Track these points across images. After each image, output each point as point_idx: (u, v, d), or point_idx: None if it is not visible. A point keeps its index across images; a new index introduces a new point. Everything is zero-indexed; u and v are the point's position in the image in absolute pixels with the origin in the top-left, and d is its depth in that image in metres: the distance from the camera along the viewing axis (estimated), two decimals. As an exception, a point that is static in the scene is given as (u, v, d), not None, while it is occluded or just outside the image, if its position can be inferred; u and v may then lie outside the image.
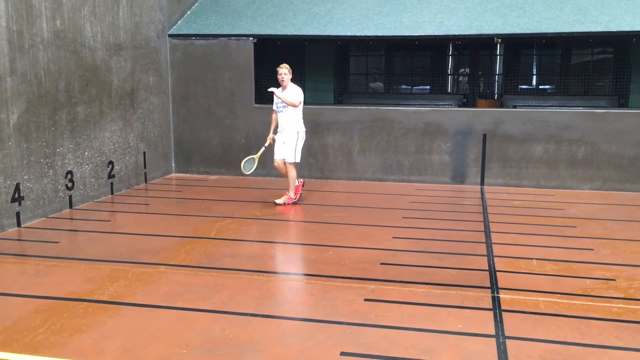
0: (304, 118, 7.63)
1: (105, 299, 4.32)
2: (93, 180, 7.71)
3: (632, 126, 8.61)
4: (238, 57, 9.60)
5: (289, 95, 7.40)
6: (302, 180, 7.92)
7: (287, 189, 7.71)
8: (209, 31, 9.72)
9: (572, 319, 4.00)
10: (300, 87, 12.41)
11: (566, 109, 9.62)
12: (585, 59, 12.00)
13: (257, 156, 7.71)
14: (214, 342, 3.60)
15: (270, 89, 7.51)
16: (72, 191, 7.27)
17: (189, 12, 10.36)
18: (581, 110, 9.25)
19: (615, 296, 4.43)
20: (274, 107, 7.60)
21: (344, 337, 3.75)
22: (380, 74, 12.91)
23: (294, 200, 7.64)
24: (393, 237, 6.13)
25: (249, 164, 7.66)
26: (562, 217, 7.04)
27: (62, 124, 7.03)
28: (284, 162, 7.55)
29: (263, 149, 7.74)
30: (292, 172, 7.56)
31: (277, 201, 7.58)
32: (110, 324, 3.88)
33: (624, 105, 10.77)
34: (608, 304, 4.27)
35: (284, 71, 7.49)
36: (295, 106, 7.40)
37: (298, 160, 7.59)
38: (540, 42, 11.37)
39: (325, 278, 4.85)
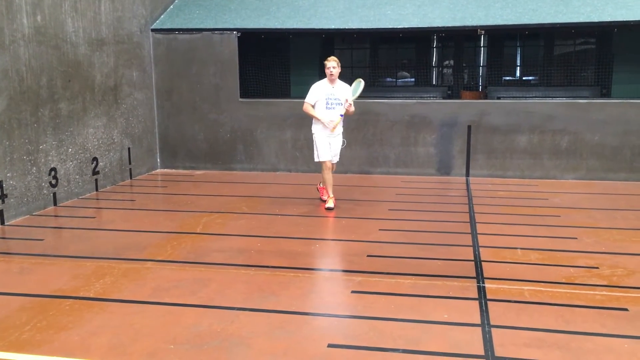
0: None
1: (91, 295, 4.30)
2: (77, 177, 7.65)
3: (615, 116, 8.70)
4: (222, 52, 9.55)
5: (350, 101, 6.88)
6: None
7: (320, 190, 7.38)
8: (192, 25, 9.66)
9: (556, 307, 4.05)
10: (286, 80, 12.42)
11: (549, 99, 9.70)
12: (567, 49, 12.10)
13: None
14: (201, 337, 3.60)
15: (348, 110, 6.85)
16: (56, 188, 7.21)
17: (171, 7, 10.29)
18: (564, 100, 9.33)
19: (599, 284, 4.49)
20: (312, 102, 6.87)
21: (331, 329, 3.77)
22: (408, 64, 12.89)
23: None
24: (379, 230, 6.15)
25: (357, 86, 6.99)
26: (546, 207, 7.12)
27: (44, 120, 6.97)
28: (331, 162, 7.10)
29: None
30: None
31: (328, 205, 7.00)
32: (96, 320, 3.86)
33: (606, 95, 10.88)
34: (591, 292, 4.33)
35: (333, 64, 6.77)
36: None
37: None
38: (523, 33, 11.44)
39: (312, 271, 4.86)
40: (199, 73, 9.68)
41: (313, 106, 6.91)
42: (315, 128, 6.99)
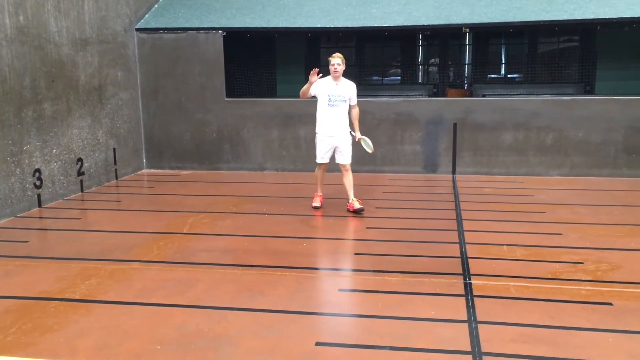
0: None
1: (77, 297, 4.26)
2: (62, 178, 7.59)
3: (598, 112, 8.78)
4: (207, 51, 9.52)
5: (353, 97, 6.71)
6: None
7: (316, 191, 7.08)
8: (177, 24, 9.62)
9: (542, 302, 4.08)
10: (272, 79, 12.39)
11: (534, 97, 9.77)
12: (551, 47, 12.20)
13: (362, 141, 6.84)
14: (188, 337, 3.59)
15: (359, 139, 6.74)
16: (40, 189, 7.14)
17: (156, 6, 10.23)
18: (549, 98, 9.41)
19: (583, 279, 4.53)
20: (312, 94, 6.67)
21: (319, 327, 3.77)
22: (396, 65, 12.93)
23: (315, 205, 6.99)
24: (367, 228, 6.17)
25: (366, 145, 6.83)
26: (531, 203, 7.17)
27: (28, 121, 6.90)
28: (342, 166, 6.80)
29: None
30: (351, 174, 6.82)
31: (356, 207, 6.66)
32: (82, 322, 3.83)
33: (590, 92, 10.99)
34: (576, 287, 4.36)
35: (337, 61, 6.52)
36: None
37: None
38: (507, 31, 11.51)
39: (299, 270, 4.85)
40: (185, 72, 9.64)
41: (313, 97, 6.74)
42: (318, 128, 6.79)
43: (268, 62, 11.80)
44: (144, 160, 9.91)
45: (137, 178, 9.29)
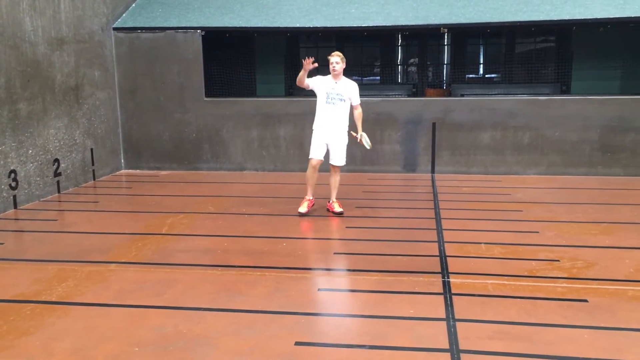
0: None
1: (53, 299, 4.21)
2: (38, 179, 7.48)
3: (574, 112, 8.90)
4: (186, 50, 9.46)
5: (355, 97, 6.62)
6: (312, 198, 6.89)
7: (306, 196, 6.81)
8: (155, 24, 9.54)
9: (518, 299, 4.13)
10: (251, 79, 12.34)
11: (511, 96, 9.88)
12: (528, 47, 12.35)
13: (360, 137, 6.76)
14: (166, 338, 3.56)
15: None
16: (16, 191, 7.04)
17: (134, 5, 10.14)
18: (526, 97, 9.51)
19: (560, 276, 4.59)
20: (309, 84, 6.53)
21: (298, 327, 3.77)
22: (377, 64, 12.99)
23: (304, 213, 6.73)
24: (346, 227, 6.19)
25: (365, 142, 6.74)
26: (508, 202, 7.25)
27: (3, 121, 6.79)
28: (332, 165, 6.72)
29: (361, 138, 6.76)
30: (339, 177, 6.79)
31: (336, 210, 6.66)
32: (59, 324, 3.79)
33: (566, 91, 11.15)
34: (553, 284, 4.42)
35: (336, 59, 6.46)
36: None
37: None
38: (485, 31, 11.62)
39: (279, 269, 4.85)
40: (163, 72, 9.56)
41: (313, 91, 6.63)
42: (315, 125, 6.68)
43: (247, 62, 11.77)
44: (122, 161, 9.81)
45: (115, 179, 9.20)
